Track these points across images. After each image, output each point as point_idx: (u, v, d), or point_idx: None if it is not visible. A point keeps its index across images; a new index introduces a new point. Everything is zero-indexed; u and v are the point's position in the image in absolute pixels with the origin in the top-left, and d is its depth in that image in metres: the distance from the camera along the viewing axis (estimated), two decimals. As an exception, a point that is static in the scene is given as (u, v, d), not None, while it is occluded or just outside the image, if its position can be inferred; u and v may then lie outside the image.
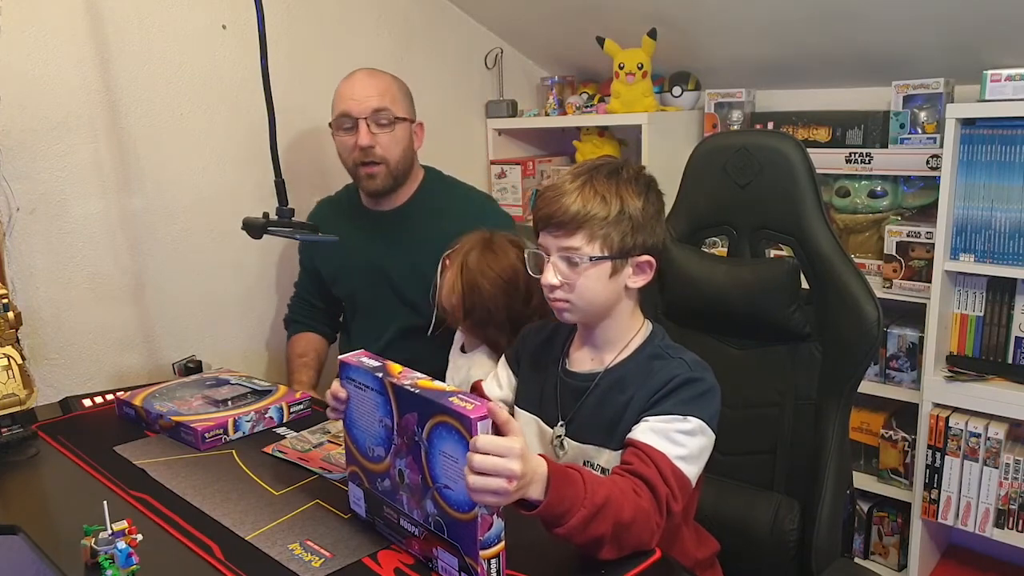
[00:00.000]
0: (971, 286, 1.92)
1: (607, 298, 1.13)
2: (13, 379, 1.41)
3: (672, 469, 1.02)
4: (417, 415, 0.96)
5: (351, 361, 1.08)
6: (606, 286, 1.11)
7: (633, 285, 1.13)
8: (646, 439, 1.04)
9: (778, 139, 1.35)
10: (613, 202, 1.08)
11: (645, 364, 1.14)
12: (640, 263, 1.12)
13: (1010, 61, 1.84)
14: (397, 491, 1.02)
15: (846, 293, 1.25)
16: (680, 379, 1.08)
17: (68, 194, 1.73)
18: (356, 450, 1.10)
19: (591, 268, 1.09)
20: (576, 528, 0.92)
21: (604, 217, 1.07)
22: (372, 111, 1.72)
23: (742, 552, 1.29)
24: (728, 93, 2.34)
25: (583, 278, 1.09)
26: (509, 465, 0.86)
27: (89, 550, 1.00)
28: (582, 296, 1.11)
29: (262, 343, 2.13)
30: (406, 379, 0.99)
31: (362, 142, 1.72)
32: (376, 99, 1.73)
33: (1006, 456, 1.87)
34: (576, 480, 0.93)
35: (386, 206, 1.84)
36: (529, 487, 0.89)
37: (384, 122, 1.73)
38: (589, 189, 1.08)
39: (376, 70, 1.81)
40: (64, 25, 1.69)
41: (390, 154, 1.75)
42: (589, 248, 1.08)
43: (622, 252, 1.09)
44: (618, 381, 1.14)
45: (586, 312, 1.14)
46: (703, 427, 1.07)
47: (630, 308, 1.17)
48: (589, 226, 1.08)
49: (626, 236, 1.09)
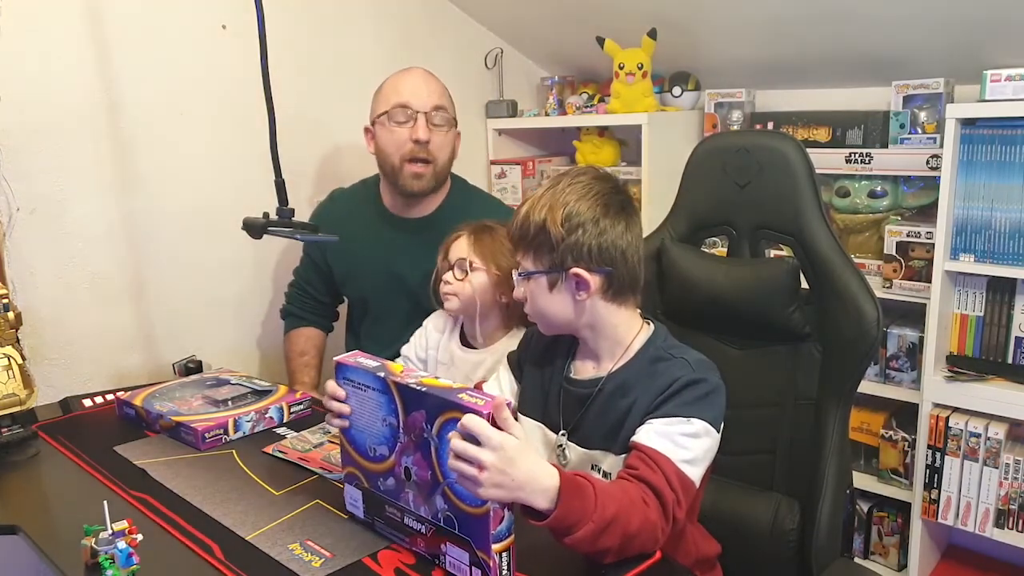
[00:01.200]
0: (971, 286, 1.92)
1: (559, 312, 1.13)
2: (13, 379, 1.41)
3: (677, 473, 1.02)
4: (425, 413, 0.96)
5: (348, 362, 1.08)
6: (551, 300, 1.13)
7: (580, 299, 1.11)
8: (650, 442, 1.04)
9: (778, 139, 1.35)
10: (537, 218, 1.10)
11: (648, 367, 1.13)
12: (574, 275, 1.10)
13: (1010, 61, 1.84)
14: (402, 489, 1.02)
15: (846, 293, 1.25)
16: (683, 381, 1.08)
17: (68, 194, 1.73)
18: (354, 451, 1.10)
19: (531, 283, 1.13)
20: (585, 540, 0.92)
21: (534, 233, 1.10)
22: (433, 107, 1.71)
23: (742, 552, 1.29)
24: (728, 93, 2.34)
25: (529, 293, 1.14)
26: (479, 454, 0.87)
27: (89, 550, 1.00)
28: (535, 310, 1.15)
29: (262, 343, 2.13)
30: (410, 378, 0.99)
31: (421, 135, 1.68)
32: (437, 96, 1.72)
33: (1006, 456, 1.87)
34: (587, 493, 0.93)
35: (413, 213, 1.81)
36: (530, 493, 0.90)
37: (441, 122, 1.72)
38: (533, 204, 1.12)
39: (430, 72, 1.79)
40: (64, 25, 1.69)
41: (440, 155, 1.73)
42: (526, 263, 1.14)
43: (551, 266, 1.11)
44: (620, 386, 1.14)
45: (551, 325, 1.17)
46: (707, 429, 1.06)
47: (608, 315, 1.14)
48: (524, 242, 1.13)
49: (552, 251, 1.10)
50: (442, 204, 1.82)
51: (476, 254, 1.50)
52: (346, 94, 2.19)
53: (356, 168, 2.04)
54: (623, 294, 1.14)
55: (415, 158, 1.71)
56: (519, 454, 0.89)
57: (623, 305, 1.15)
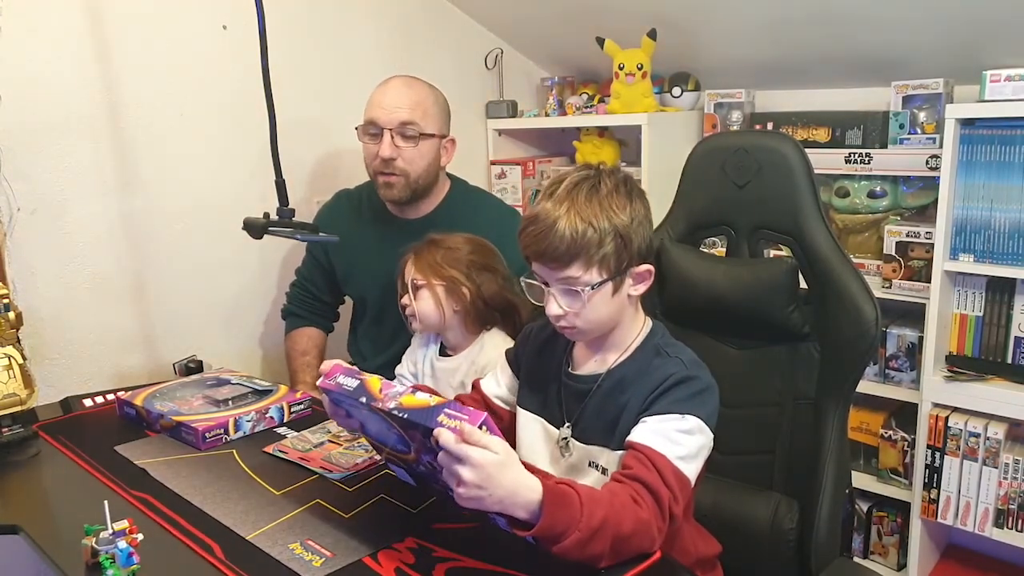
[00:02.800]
0: (971, 286, 1.92)
1: (612, 314, 1.13)
2: (14, 379, 1.41)
3: (673, 470, 1.03)
4: (419, 433, 0.97)
5: (331, 387, 1.09)
6: (609, 304, 1.11)
7: (635, 293, 1.14)
8: (645, 440, 1.04)
9: (776, 139, 1.35)
10: (602, 224, 1.06)
11: (645, 363, 1.14)
12: (638, 273, 1.12)
13: (1010, 61, 1.85)
14: (435, 474, 1.02)
15: (844, 293, 1.25)
16: (676, 377, 1.08)
17: (69, 194, 1.73)
18: (381, 444, 1.12)
19: (594, 295, 1.08)
20: (572, 548, 0.92)
21: (597, 243, 1.06)
22: (399, 123, 1.69)
23: (741, 551, 1.29)
24: (728, 93, 2.34)
25: (587, 307, 1.09)
26: (459, 470, 0.90)
27: (90, 550, 1.00)
28: (588, 321, 1.11)
29: (263, 343, 2.13)
30: (390, 401, 0.99)
31: (383, 153, 1.69)
32: (406, 111, 1.69)
33: (1005, 456, 1.87)
34: (572, 501, 0.93)
35: (411, 215, 1.81)
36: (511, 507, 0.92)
37: (410, 135, 1.70)
38: (575, 216, 1.05)
39: (415, 80, 1.77)
40: (64, 25, 1.69)
41: (412, 167, 1.72)
42: (587, 276, 1.07)
43: (619, 270, 1.09)
44: (619, 382, 1.14)
45: (594, 332, 1.15)
46: (701, 426, 1.07)
47: (632, 312, 1.17)
48: (584, 255, 1.06)
49: (621, 253, 1.08)
50: (440, 204, 1.83)
51: (418, 271, 1.53)
52: (346, 94, 2.19)
53: (356, 168, 2.04)
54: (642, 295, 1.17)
55: (383, 171, 1.72)
56: (499, 470, 0.90)
57: (639, 305, 1.18)
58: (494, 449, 0.91)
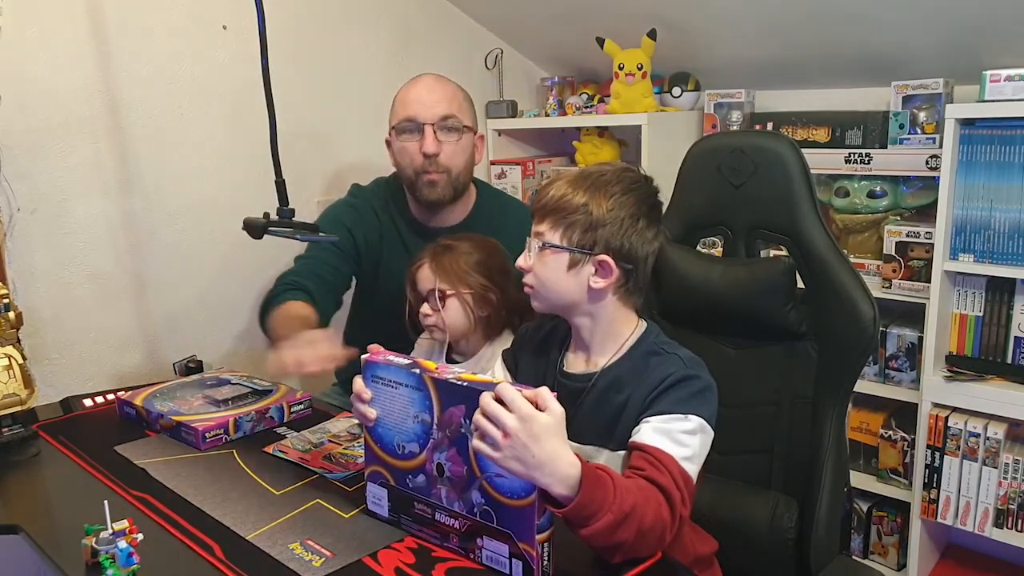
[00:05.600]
0: (970, 286, 1.92)
1: (567, 291, 1.13)
2: (14, 379, 1.41)
3: (681, 472, 1.03)
4: (464, 407, 0.97)
5: (378, 359, 1.08)
6: (564, 278, 1.12)
7: (595, 285, 1.12)
8: (652, 442, 1.04)
9: (773, 139, 1.35)
10: (580, 198, 1.11)
11: (641, 362, 1.14)
12: (601, 262, 1.11)
13: (1010, 61, 1.85)
14: (434, 485, 1.03)
15: (842, 292, 1.25)
16: (676, 376, 1.09)
17: (69, 194, 1.73)
18: (380, 449, 1.10)
19: (549, 255, 1.12)
20: (602, 531, 0.92)
21: (571, 210, 1.11)
22: (440, 117, 1.64)
23: (740, 551, 1.29)
24: (728, 93, 2.34)
25: (542, 264, 1.13)
26: (507, 419, 0.89)
27: (90, 550, 1.00)
28: (542, 283, 1.14)
29: (263, 343, 2.12)
30: (448, 373, 1.00)
31: (428, 149, 1.63)
32: (444, 105, 1.65)
33: (1005, 456, 1.87)
34: (607, 484, 0.94)
35: (441, 223, 1.73)
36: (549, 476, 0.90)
37: (451, 129, 1.65)
38: (572, 183, 1.12)
39: (442, 76, 1.73)
40: (64, 25, 1.69)
41: (454, 163, 1.66)
42: (551, 235, 1.12)
43: (580, 246, 1.11)
44: (615, 381, 1.14)
45: (549, 301, 1.16)
46: (703, 425, 1.07)
47: (612, 309, 1.15)
48: (555, 215, 1.12)
49: (587, 232, 1.10)
50: (472, 212, 1.77)
51: (443, 281, 1.47)
52: (347, 94, 2.20)
53: (356, 168, 2.05)
54: (633, 294, 1.16)
55: (427, 169, 1.66)
56: (545, 433, 0.90)
57: (627, 304, 1.17)
58: (553, 408, 0.91)
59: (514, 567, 0.96)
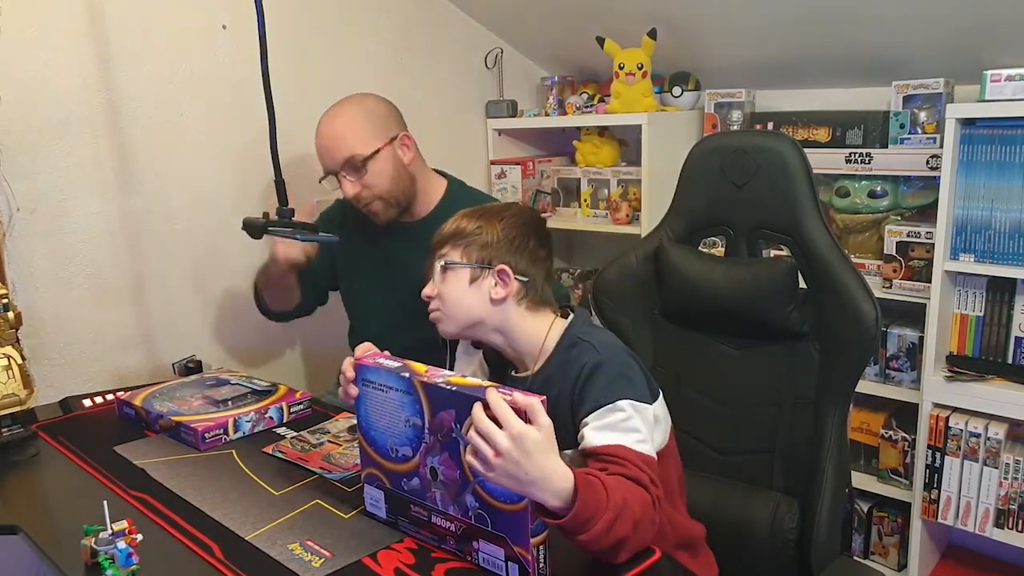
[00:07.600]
0: (971, 286, 1.92)
1: (471, 306, 1.21)
2: (13, 379, 1.41)
3: (639, 456, 1.04)
4: (455, 412, 0.97)
5: (368, 363, 1.08)
6: (467, 293, 1.21)
7: (496, 296, 1.20)
8: (600, 441, 1.06)
9: (774, 139, 1.35)
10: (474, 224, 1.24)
11: (565, 355, 1.19)
12: (499, 271, 1.20)
13: (1010, 61, 1.84)
14: (428, 489, 1.03)
15: (844, 292, 1.25)
16: (589, 366, 1.12)
17: (68, 194, 1.73)
18: (374, 452, 1.10)
19: (450, 274, 1.22)
20: (602, 532, 0.92)
21: (467, 233, 1.23)
22: (341, 163, 1.66)
23: (741, 551, 1.29)
24: (728, 93, 2.34)
25: (445, 285, 1.23)
26: (498, 438, 0.89)
27: (89, 550, 1.00)
28: (446, 303, 1.23)
29: (262, 343, 2.13)
30: (437, 377, 1.00)
31: (346, 194, 1.68)
32: (341, 147, 1.65)
33: (1006, 456, 1.87)
34: (597, 485, 0.94)
35: (406, 218, 1.77)
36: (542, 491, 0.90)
37: (356, 168, 1.66)
38: (466, 215, 1.26)
39: (338, 107, 1.71)
40: (64, 25, 1.69)
41: (378, 189, 1.68)
42: (452, 255, 1.23)
43: (479, 262, 1.21)
44: (546, 380, 1.19)
45: (456, 321, 1.23)
46: (634, 405, 1.09)
47: (519, 320, 1.22)
48: (453, 239, 1.24)
49: (483, 249, 1.21)
50: (438, 206, 1.79)
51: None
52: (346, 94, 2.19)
53: (356, 168, 2.04)
54: (537, 305, 1.23)
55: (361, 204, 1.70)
56: (537, 449, 0.90)
57: (535, 310, 1.23)
58: (541, 423, 0.91)
59: (511, 570, 0.95)
